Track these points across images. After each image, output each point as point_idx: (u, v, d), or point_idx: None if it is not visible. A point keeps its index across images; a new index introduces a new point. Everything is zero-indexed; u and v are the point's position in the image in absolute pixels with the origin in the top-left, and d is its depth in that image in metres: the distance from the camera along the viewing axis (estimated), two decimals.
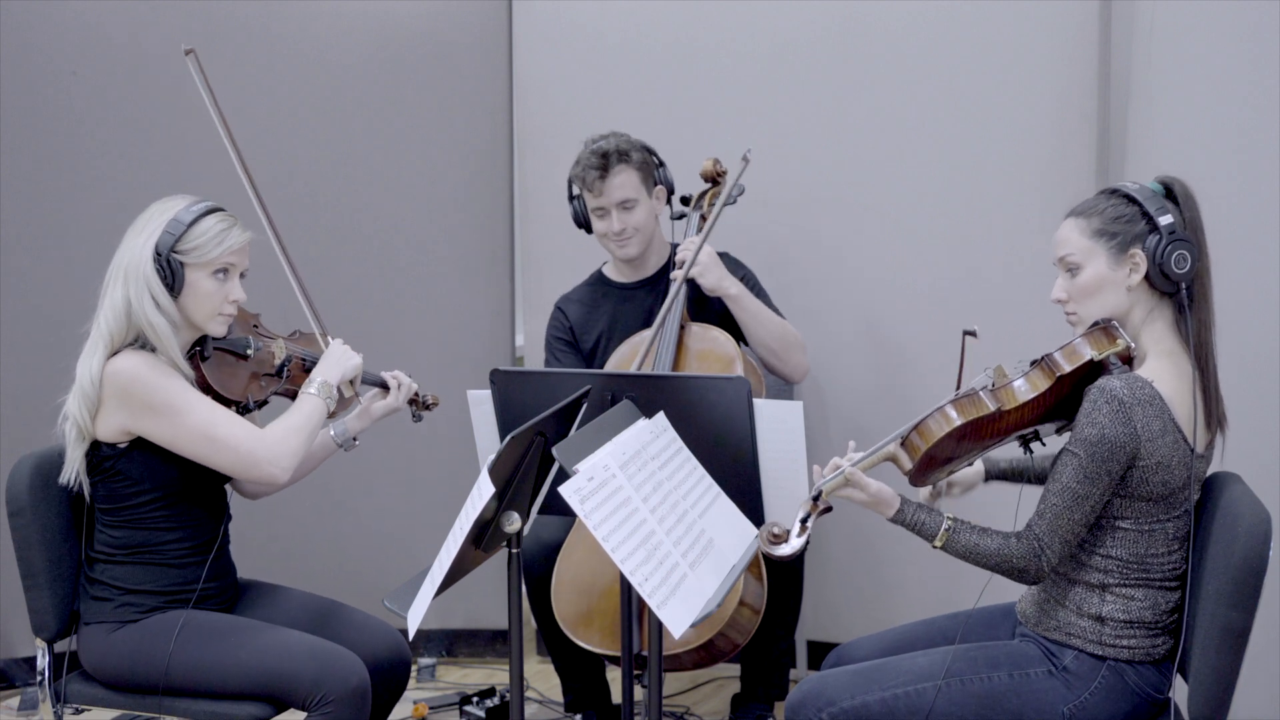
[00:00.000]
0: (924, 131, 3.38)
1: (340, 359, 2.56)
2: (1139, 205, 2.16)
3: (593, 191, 3.08)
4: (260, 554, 3.02)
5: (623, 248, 3.13)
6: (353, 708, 2.33)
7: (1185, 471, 2.13)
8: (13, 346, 3.51)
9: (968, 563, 2.19)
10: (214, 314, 2.43)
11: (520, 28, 3.69)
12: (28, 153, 3.51)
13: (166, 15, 3.53)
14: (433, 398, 2.79)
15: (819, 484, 2.21)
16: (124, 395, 2.35)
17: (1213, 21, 2.95)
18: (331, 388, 2.51)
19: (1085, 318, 2.20)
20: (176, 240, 2.37)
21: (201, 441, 2.38)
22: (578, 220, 3.19)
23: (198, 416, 2.37)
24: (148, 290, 2.36)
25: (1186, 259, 2.13)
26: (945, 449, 2.17)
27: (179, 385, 2.38)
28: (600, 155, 3.06)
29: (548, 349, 3.26)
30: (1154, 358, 2.18)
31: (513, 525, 2.01)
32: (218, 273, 2.41)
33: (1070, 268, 2.21)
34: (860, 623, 3.40)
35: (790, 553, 2.16)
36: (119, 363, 2.37)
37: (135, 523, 2.44)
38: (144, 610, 2.43)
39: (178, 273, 2.38)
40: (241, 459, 2.39)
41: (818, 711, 2.22)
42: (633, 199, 3.08)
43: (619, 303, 3.23)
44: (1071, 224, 2.22)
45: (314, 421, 2.48)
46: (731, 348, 3.01)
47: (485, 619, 3.85)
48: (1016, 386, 2.16)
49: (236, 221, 2.46)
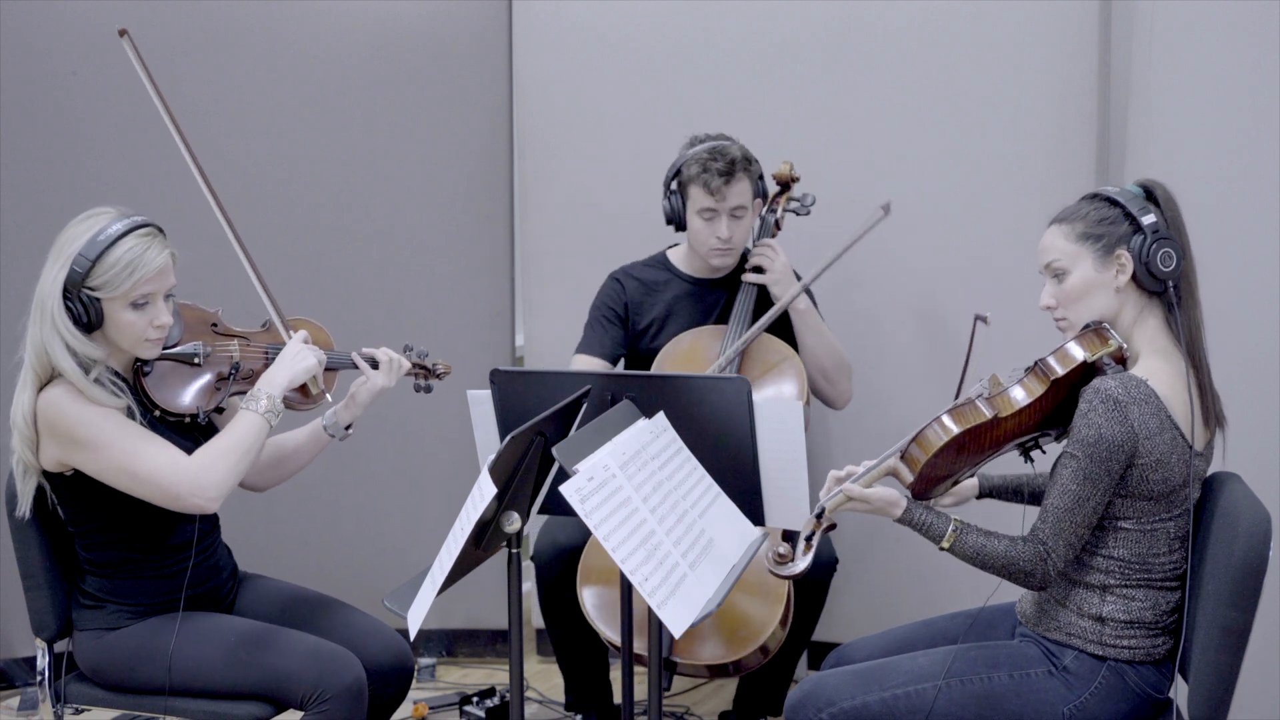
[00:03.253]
0: (923, 131, 3.38)
1: (290, 362, 2.44)
2: (1121, 207, 2.18)
3: (714, 194, 2.99)
4: (260, 554, 3.01)
5: (723, 256, 3.08)
6: (349, 706, 2.33)
7: (1184, 469, 2.13)
8: (13, 346, 3.50)
9: (974, 565, 2.19)
10: (139, 342, 2.34)
11: (520, 28, 3.69)
12: (28, 153, 3.51)
13: (167, 15, 3.53)
14: (444, 365, 2.71)
15: (822, 502, 2.23)
16: (51, 429, 2.30)
17: (1213, 21, 2.95)
18: (275, 400, 2.38)
19: (1075, 322, 2.21)
20: (85, 276, 2.26)
21: (123, 476, 2.30)
22: (670, 216, 3.11)
23: (115, 451, 2.28)
24: (57, 334, 2.28)
25: (1172, 256, 2.14)
26: (945, 460, 2.18)
27: (97, 419, 2.28)
28: (728, 160, 2.98)
29: (594, 313, 3.18)
30: (1147, 357, 2.18)
31: (513, 525, 2.01)
32: (135, 304, 2.30)
33: (1057, 273, 2.22)
34: (860, 623, 3.40)
35: (798, 572, 2.18)
36: (46, 396, 2.30)
37: (106, 544, 2.42)
38: (136, 616, 2.42)
39: (91, 308, 2.27)
40: (165, 493, 2.29)
41: (817, 711, 2.23)
42: (744, 207, 3.04)
43: (682, 294, 3.18)
44: (1055, 230, 2.23)
45: (248, 441, 2.34)
46: (800, 364, 3.01)
47: (485, 619, 3.85)
48: (1012, 393, 2.17)
49: (154, 241, 2.31)
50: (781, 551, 2.18)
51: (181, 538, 2.45)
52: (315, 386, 2.51)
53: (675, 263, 3.23)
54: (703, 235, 3.06)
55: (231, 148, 3.53)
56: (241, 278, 2.56)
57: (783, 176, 3.22)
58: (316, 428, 2.61)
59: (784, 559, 2.18)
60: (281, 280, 2.63)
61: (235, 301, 2.64)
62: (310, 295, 3.01)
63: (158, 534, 2.43)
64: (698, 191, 3.02)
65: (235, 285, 2.64)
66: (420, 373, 2.69)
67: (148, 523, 2.41)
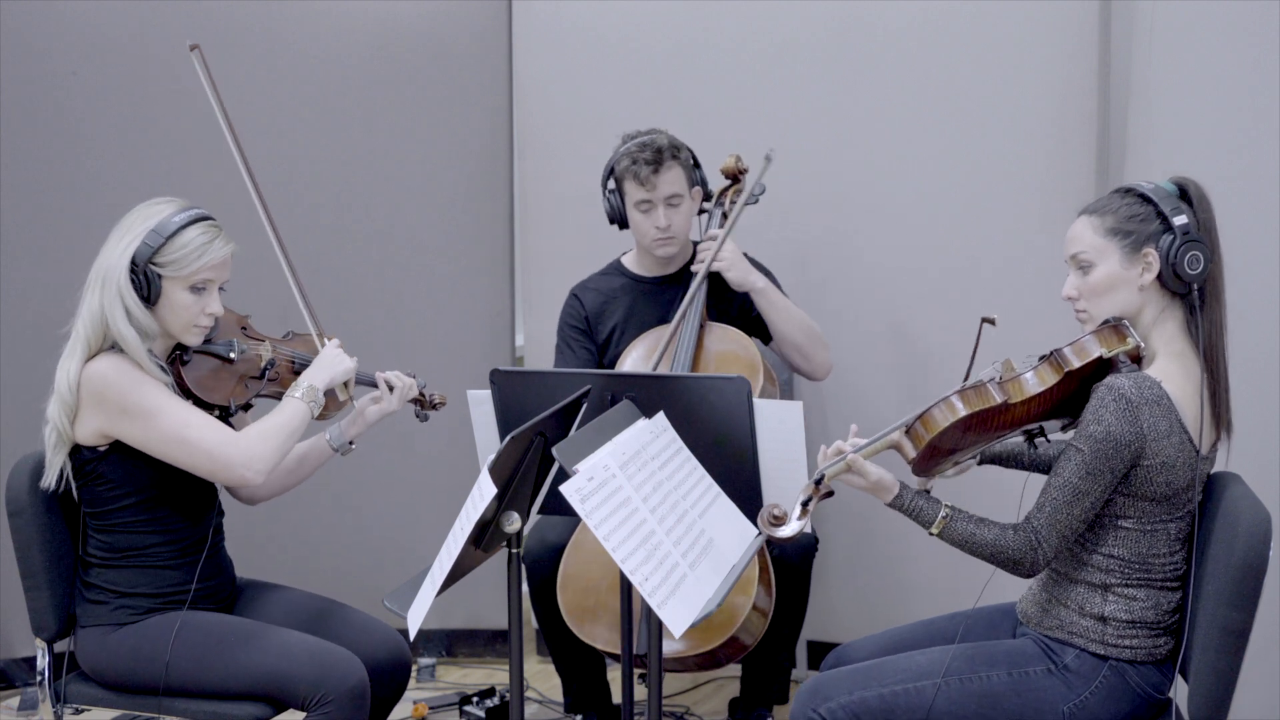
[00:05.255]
0: (923, 131, 3.38)
1: (331, 363, 2.54)
2: (1154, 205, 2.15)
3: (644, 185, 3.03)
4: (260, 554, 3.02)
5: (665, 245, 3.11)
6: (352, 707, 2.33)
7: (1190, 472, 2.13)
8: (13, 346, 3.51)
9: (964, 551, 2.19)
10: (189, 327, 2.41)
11: (520, 28, 3.69)
12: (28, 153, 3.51)
13: (167, 15, 3.53)
14: (440, 397, 2.76)
15: (821, 468, 2.21)
16: (99, 398, 2.35)
17: (1213, 21, 2.95)
18: (317, 391, 2.48)
19: (1096, 316, 2.19)
20: (155, 252, 2.35)
21: (174, 444, 2.36)
22: (612, 216, 3.15)
23: (170, 419, 2.35)
24: (120, 301, 2.34)
25: (1200, 260, 2.12)
26: (950, 439, 2.17)
27: (152, 388, 2.36)
28: (654, 150, 3.03)
29: (560, 335, 3.23)
30: (1163, 358, 2.17)
31: (513, 525, 2.01)
32: (195, 287, 2.39)
33: (1082, 265, 2.20)
34: (860, 623, 3.40)
35: (790, 535, 2.15)
36: (95, 366, 2.36)
37: (122, 527, 2.43)
38: (140, 613, 2.43)
39: (154, 284, 2.36)
40: (215, 461, 2.36)
41: (815, 708, 2.22)
42: (680, 195, 3.07)
43: (638, 296, 3.20)
44: (1085, 221, 2.20)
45: (294, 425, 2.44)
46: (755, 350, 3.01)
47: (485, 619, 3.85)
48: (1025, 379, 2.16)
49: (220, 233, 2.42)
50: (777, 513, 2.16)
51: (200, 530, 2.48)
52: (344, 394, 2.58)
53: (629, 266, 3.26)
54: (643, 227, 3.10)
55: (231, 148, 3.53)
56: (262, 286, 2.61)
57: (730, 169, 3.22)
58: (319, 441, 2.64)
59: (779, 520, 2.16)
60: (280, 280, 2.63)
61: (258, 310, 2.67)
62: (310, 295, 3.00)
63: (180, 520, 2.46)
64: (631, 185, 3.06)
65: (258, 293, 2.67)
66: (419, 401, 2.73)
67: (176, 505, 2.45)
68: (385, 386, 2.63)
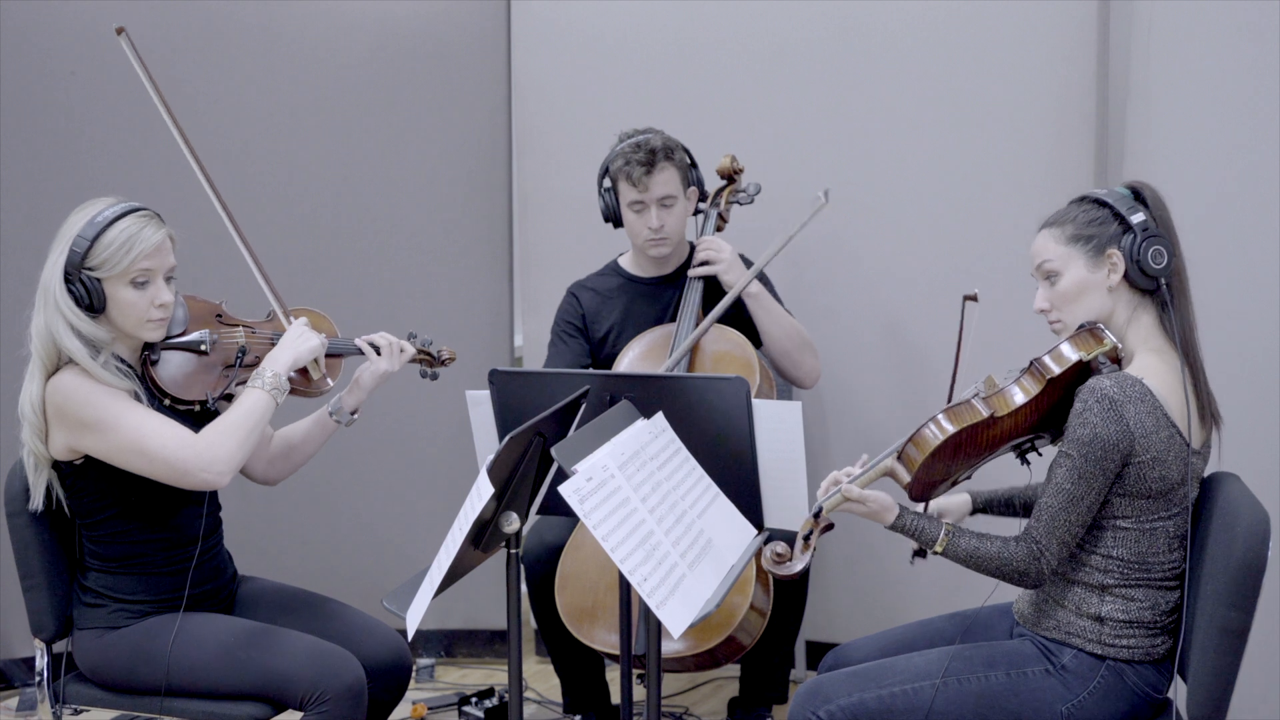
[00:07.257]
0: (923, 131, 3.38)
1: (293, 343, 2.46)
2: (1110, 208, 2.19)
3: (637, 185, 3.03)
4: (259, 554, 3.02)
5: (657, 246, 3.11)
6: (349, 706, 2.33)
7: (1182, 467, 2.14)
8: (13, 347, 3.50)
9: (968, 568, 2.20)
10: (142, 323, 2.36)
11: (519, 28, 3.69)
12: (28, 153, 3.51)
13: (167, 15, 3.53)
14: (449, 352, 2.71)
15: (819, 502, 2.24)
16: (60, 414, 2.32)
17: (1212, 21, 2.95)
18: (280, 376, 2.40)
19: (1070, 323, 2.22)
20: (83, 257, 2.29)
21: (133, 455, 2.31)
22: (607, 214, 3.16)
23: (126, 430, 2.29)
24: (61, 316, 2.30)
25: (1163, 254, 2.15)
26: (941, 460, 2.18)
27: (107, 399, 2.31)
28: (648, 150, 3.03)
29: (554, 332, 3.23)
30: (1142, 355, 2.19)
31: (511, 525, 2.01)
32: (136, 282, 2.32)
33: (1049, 275, 2.23)
34: (860, 623, 3.40)
35: (797, 571, 2.19)
36: (54, 382, 2.33)
37: (114, 536, 2.42)
38: (137, 615, 2.42)
39: (93, 289, 2.30)
40: (174, 469, 2.30)
41: (815, 710, 2.23)
42: (673, 196, 3.07)
43: (634, 297, 3.21)
44: (1046, 234, 2.24)
45: (256, 415, 2.36)
46: (751, 350, 3.01)
47: (484, 619, 3.85)
48: (1008, 392, 2.18)
49: (149, 221, 2.34)
50: (779, 551, 2.19)
51: (190, 533, 2.46)
52: (317, 370, 2.53)
53: (625, 267, 3.26)
54: (636, 228, 3.10)
55: (231, 148, 3.53)
56: (243, 272, 2.58)
57: (725, 170, 3.22)
58: (322, 415, 2.63)
59: (782, 558, 2.19)
60: (281, 280, 2.63)
61: (237, 295, 2.65)
62: (310, 295, 3.00)
63: (167, 526, 2.44)
64: (624, 185, 3.07)
65: (237, 279, 2.65)
66: (425, 359, 2.69)
67: (158, 513, 2.42)
68: (370, 349, 2.58)
